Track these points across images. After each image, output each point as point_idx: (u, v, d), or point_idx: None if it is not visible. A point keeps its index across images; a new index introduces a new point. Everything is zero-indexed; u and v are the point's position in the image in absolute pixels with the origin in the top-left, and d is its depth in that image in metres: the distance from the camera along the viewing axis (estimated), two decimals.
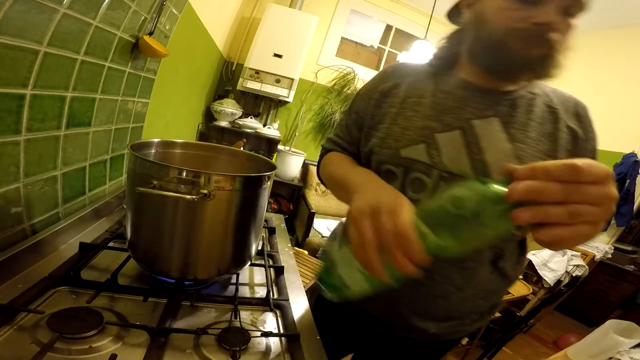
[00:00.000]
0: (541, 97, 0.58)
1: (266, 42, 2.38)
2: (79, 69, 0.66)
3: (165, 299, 0.59)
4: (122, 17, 0.75)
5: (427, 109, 0.59)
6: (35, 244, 0.61)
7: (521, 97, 0.57)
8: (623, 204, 2.20)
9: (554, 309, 2.53)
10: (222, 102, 2.41)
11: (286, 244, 0.99)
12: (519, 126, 0.55)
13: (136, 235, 0.60)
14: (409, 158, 0.58)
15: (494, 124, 0.55)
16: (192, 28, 1.42)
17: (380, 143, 0.62)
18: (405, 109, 0.61)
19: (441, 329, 0.64)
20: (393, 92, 0.64)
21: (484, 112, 0.56)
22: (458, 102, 0.58)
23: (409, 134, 0.59)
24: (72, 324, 0.47)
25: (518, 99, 0.57)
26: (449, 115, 0.57)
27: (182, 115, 1.78)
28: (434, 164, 0.56)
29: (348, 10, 2.88)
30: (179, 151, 0.78)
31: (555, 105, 0.58)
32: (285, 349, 0.55)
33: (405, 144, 0.58)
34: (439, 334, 0.64)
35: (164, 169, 0.53)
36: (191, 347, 0.51)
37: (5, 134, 0.52)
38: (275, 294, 0.71)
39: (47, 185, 0.66)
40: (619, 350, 0.97)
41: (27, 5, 0.48)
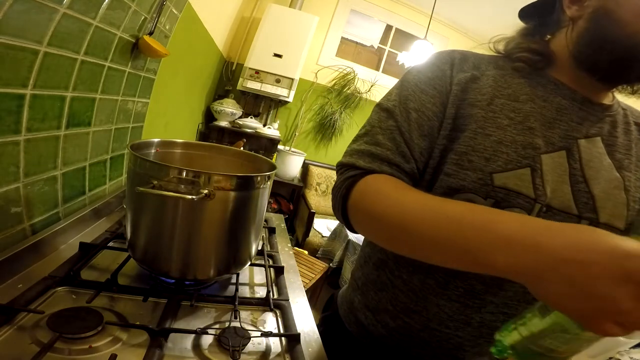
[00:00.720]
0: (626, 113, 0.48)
1: (266, 42, 2.38)
2: (79, 69, 0.66)
3: (165, 299, 0.59)
4: (122, 17, 0.75)
5: (529, 118, 0.44)
6: (35, 244, 0.61)
7: (619, 113, 0.47)
8: None
9: None
10: (222, 102, 2.41)
11: (286, 244, 0.99)
12: (622, 149, 0.45)
13: (136, 235, 0.60)
14: (505, 188, 0.42)
15: (598, 145, 0.44)
16: (192, 28, 1.42)
17: (458, 160, 0.44)
18: (495, 112, 0.45)
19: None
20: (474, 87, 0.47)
21: (590, 129, 0.44)
22: (560, 114, 0.45)
23: (506, 152, 0.43)
24: (72, 324, 0.47)
25: (618, 115, 0.46)
26: (555, 130, 0.44)
27: (182, 115, 1.78)
28: (537, 197, 0.42)
29: (348, 10, 2.88)
30: (179, 151, 0.78)
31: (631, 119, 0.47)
32: (285, 349, 0.55)
33: (501, 166, 0.42)
34: None
35: (164, 169, 0.53)
36: (191, 347, 0.51)
37: (5, 134, 0.52)
38: (275, 294, 0.71)
39: (47, 185, 0.66)
40: (619, 350, 0.97)
41: (27, 5, 0.48)
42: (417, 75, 0.50)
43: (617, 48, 0.40)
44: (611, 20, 0.40)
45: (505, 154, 0.43)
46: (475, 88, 0.47)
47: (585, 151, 0.44)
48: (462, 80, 0.47)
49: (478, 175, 0.43)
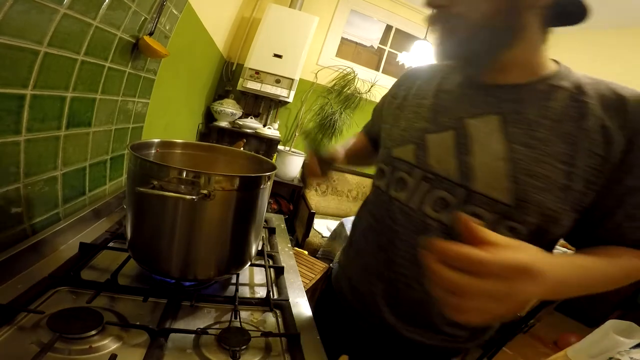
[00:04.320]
0: (568, 89, 0.48)
1: (266, 42, 2.38)
2: (79, 69, 0.66)
3: (165, 299, 0.59)
4: (122, 17, 0.75)
5: (427, 110, 0.58)
6: (35, 244, 0.61)
7: (535, 90, 0.49)
8: None
9: (554, 309, 2.52)
10: (222, 102, 2.41)
11: (286, 244, 0.99)
12: (524, 125, 0.48)
13: (136, 235, 0.60)
14: (397, 158, 0.59)
15: (491, 123, 0.50)
16: (192, 28, 1.42)
17: (382, 143, 0.66)
18: (408, 111, 0.62)
19: (426, 340, 0.60)
20: (402, 95, 0.66)
21: (483, 109, 0.51)
22: (456, 101, 0.55)
23: (404, 135, 0.59)
24: (72, 324, 0.47)
25: (530, 93, 0.49)
26: (445, 115, 0.55)
27: (182, 115, 1.78)
28: (417, 164, 0.56)
29: (348, 11, 2.88)
30: (179, 151, 0.79)
31: (586, 99, 0.46)
32: (285, 349, 0.55)
33: (397, 144, 0.60)
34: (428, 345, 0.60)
35: (164, 169, 0.53)
36: (191, 347, 0.51)
37: (5, 134, 0.52)
38: (275, 294, 0.71)
39: (47, 185, 0.66)
40: (619, 350, 0.97)
41: (27, 6, 0.48)
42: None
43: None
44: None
45: (402, 136, 0.60)
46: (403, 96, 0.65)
47: (474, 129, 0.51)
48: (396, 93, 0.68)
49: (386, 151, 0.63)
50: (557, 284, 0.34)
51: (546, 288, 0.31)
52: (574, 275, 0.39)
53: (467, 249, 0.29)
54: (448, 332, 0.59)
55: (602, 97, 0.46)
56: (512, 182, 0.47)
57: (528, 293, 0.30)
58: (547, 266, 0.31)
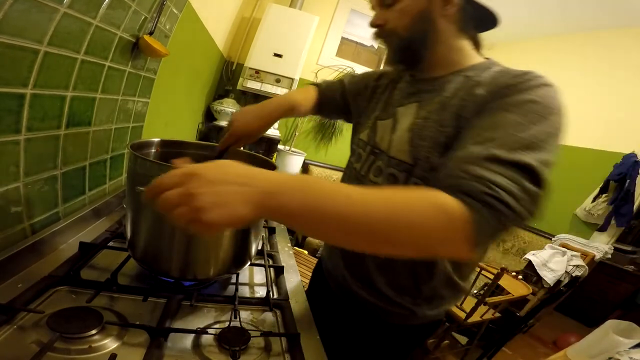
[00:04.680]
0: (468, 76, 0.59)
1: (266, 42, 2.38)
2: (79, 69, 0.66)
3: (165, 299, 0.59)
4: (123, 16, 0.75)
5: (383, 103, 0.73)
6: (35, 244, 0.61)
7: (447, 80, 0.61)
8: (623, 204, 2.20)
9: (554, 309, 2.53)
10: (222, 102, 2.40)
11: (286, 244, 0.99)
12: (431, 106, 0.60)
13: (136, 235, 0.60)
14: (360, 139, 0.74)
15: (411, 108, 0.64)
16: (193, 28, 1.42)
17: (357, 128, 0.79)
18: (376, 103, 0.75)
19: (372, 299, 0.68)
20: (377, 91, 0.78)
21: (408, 99, 0.66)
22: (399, 94, 0.70)
23: (367, 122, 0.74)
24: (72, 323, 0.47)
25: (442, 82, 0.62)
26: (392, 105, 0.70)
27: (182, 115, 1.78)
28: (368, 142, 0.71)
29: (348, 10, 2.87)
30: (179, 151, 0.78)
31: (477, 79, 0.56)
32: (285, 349, 0.55)
33: (363, 129, 0.75)
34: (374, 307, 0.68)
35: (164, 168, 0.53)
36: (191, 347, 0.51)
37: (5, 134, 0.52)
38: (275, 294, 0.71)
39: (47, 184, 0.66)
40: (618, 350, 0.97)
41: (27, 5, 0.48)
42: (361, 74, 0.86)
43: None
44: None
45: (367, 123, 0.74)
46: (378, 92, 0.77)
47: (400, 114, 0.66)
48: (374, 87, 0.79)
49: (357, 135, 0.77)
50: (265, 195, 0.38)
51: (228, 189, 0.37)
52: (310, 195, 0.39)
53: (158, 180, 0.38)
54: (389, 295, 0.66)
55: (485, 76, 0.56)
56: (411, 145, 0.60)
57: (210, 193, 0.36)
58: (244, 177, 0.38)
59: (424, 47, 0.62)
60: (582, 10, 2.39)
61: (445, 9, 0.59)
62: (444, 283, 0.65)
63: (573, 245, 2.28)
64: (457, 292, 0.69)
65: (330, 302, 0.77)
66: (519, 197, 0.40)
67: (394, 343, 0.73)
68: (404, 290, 0.65)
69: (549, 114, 0.46)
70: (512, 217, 0.40)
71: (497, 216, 0.39)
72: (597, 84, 2.54)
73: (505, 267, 1.57)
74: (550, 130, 0.46)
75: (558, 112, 0.48)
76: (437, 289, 0.65)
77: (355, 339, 0.73)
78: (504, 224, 0.40)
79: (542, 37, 2.96)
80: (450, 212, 0.39)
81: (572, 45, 2.75)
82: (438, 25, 0.60)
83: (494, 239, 0.42)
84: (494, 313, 1.77)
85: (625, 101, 2.37)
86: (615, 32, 2.49)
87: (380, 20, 0.63)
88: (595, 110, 2.52)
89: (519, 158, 0.42)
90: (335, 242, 0.58)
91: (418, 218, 0.39)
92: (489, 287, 1.61)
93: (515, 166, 0.42)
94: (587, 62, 2.63)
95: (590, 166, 2.45)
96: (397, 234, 0.39)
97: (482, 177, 0.41)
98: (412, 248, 0.41)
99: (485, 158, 0.43)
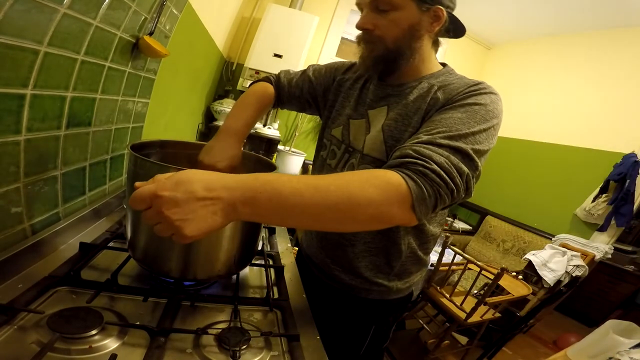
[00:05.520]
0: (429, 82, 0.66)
1: (266, 42, 2.38)
2: (79, 69, 0.66)
3: (165, 299, 0.59)
4: (123, 17, 0.75)
5: (354, 101, 0.76)
6: (35, 244, 0.61)
7: (413, 87, 0.68)
8: (623, 204, 2.20)
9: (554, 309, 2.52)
10: (222, 102, 2.40)
11: (286, 244, 0.99)
12: (398, 108, 0.67)
13: (136, 235, 0.60)
14: (333, 135, 0.79)
15: (382, 111, 0.70)
16: (192, 28, 1.42)
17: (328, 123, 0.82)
18: (345, 99, 0.79)
19: (353, 282, 0.76)
20: (344, 84, 0.81)
21: (379, 102, 0.72)
22: (370, 95, 0.74)
23: (339, 119, 0.78)
24: (72, 324, 0.47)
25: (408, 88, 0.68)
26: (362, 106, 0.74)
27: (182, 115, 1.78)
28: (343, 140, 0.76)
29: (348, 10, 2.87)
30: (179, 151, 0.78)
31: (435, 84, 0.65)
32: (285, 349, 0.55)
33: (335, 125, 0.79)
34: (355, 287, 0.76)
35: (164, 169, 0.53)
36: (191, 347, 0.51)
37: (5, 134, 0.52)
38: (275, 294, 0.71)
39: (47, 185, 0.66)
40: (618, 350, 0.97)
41: (28, 5, 0.48)
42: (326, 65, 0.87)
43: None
44: None
45: (339, 120, 0.78)
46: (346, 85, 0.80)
47: (372, 116, 0.72)
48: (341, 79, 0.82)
49: (328, 130, 0.81)
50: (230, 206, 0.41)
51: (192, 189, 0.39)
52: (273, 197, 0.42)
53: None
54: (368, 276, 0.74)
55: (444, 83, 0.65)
56: (384, 144, 0.67)
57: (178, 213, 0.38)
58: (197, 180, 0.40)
59: (404, 59, 0.66)
60: (582, 10, 2.39)
61: (432, 26, 0.64)
62: (411, 259, 0.76)
63: (573, 245, 2.28)
64: (421, 266, 0.81)
65: (313, 284, 0.81)
66: (449, 170, 0.49)
67: (374, 316, 0.81)
68: (379, 269, 0.75)
69: (491, 118, 0.57)
70: (444, 186, 0.49)
71: (431, 184, 0.48)
72: (597, 83, 2.54)
73: (505, 267, 1.57)
74: (489, 130, 0.56)
75: (497, 117, 0.58)
76: (405, 265, 0.76)
77: (338, 315, 0.79)
78: (437, 191, 0.49)
79: (542, 37, 2.96)
80: (396, 184, 0.47)
81: (572, 45, 2.75)
82: (422, 40, 0.65)
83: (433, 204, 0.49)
84: (494, 313, 1.77)
85: (626, 101, 2.37)
86: (614, 31, 2.50)
87: (370, 25, 0.64)
88: (596, 110, 2.52)
89: (456, 144, 0.52)
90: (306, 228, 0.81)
91: (372, 194, 0.45)
92: (489, 287, 1.61)
93: (452, 149, 0.51)
94: (587, 62, 2.63)
95: (590, 166, 2.45)
96: (359, 210, 0.45)
97: (422, 154, 0.50)
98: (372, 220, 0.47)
99: (429, 142, 0.52)
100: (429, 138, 0.53)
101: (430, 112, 0.62)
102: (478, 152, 0.53)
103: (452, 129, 0.54)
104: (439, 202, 0.50)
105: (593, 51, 2.61)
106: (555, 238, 2.43)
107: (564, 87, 2.72)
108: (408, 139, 0.58)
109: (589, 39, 2.64)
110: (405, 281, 0.78)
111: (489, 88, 0.61)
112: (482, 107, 0.57)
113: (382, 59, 0.66)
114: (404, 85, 0.69)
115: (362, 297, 0.77)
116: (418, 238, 0.74)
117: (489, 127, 0.56)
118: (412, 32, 0.63)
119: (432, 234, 0.75)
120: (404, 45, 0.64)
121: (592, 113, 2.53)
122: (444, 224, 0.88)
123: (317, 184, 0.44)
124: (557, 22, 2.68)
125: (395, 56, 0.66)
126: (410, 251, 0.74)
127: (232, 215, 0.42)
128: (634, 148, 2.26)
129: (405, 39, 0.64)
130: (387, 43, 0.64)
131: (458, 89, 0.61)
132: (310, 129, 2.99)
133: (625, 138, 2.32)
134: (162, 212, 0.38)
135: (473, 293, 1.73)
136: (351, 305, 0.79)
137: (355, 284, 0.76)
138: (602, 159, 2.39)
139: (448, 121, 0.55)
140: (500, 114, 0.59)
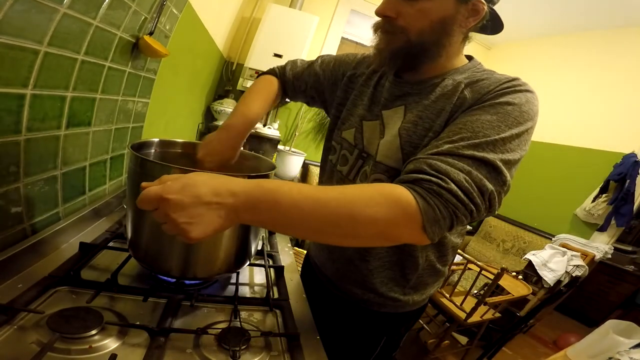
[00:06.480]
0: (453, 78, 0.58)
1: (266, 42, 2.38)
2: (79, 69, 0.66)
3: (165, 299, 0.59)
4: (123, 17, 0.75)
5: (367, 100, 0.68)
6: (35, 244, 0.61)
7: (435, 84, 0.59)
8: (623, 204, 2.20)
9: (554, 309, 2.53)
10: (222, 102, 2.40)
11: (286, 244, 0.99)
12: (418, 109, 0.59)
13: (137, 234, 0.60)
14: (344, 138, 0.71)
15: (398, 112, 0.62)
16: (192, 28, 1.42)
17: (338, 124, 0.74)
18: (357, 97, 0.71)
19: (366, 296, 0.70)
20: (356, 80, 0.73)
21: (395, 102, 0.64)
22: (385, 94, 0.66)
23: (350, 120, 0.70)
24: (72, 324, 0.47)
25: (429, 85, 0.60)
26: (377, 106, 0.66)
27: (182, 115, 1.78)
28: (356, 145, 0.68)
29: (348, 10, 2.87)
30: (179, 151, 0.78)
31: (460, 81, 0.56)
32: (285, 349, 0.55)
33: (346, 127, 0.71)
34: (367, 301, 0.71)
35: (164, 168, 0.53)
36: (191, 347, 0.51)
37: (5, 134, 0.52)
38: (275, 293, 0.71)
39: (47, 185, 0.66)
40: (618, 350, 0.97)
41: (28, 5, 0.48)
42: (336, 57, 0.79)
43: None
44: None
45: (351, 121, 0.70)
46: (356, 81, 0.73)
47: (387, 118, 0.63)
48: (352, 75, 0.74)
49: (337, 132, 0.73)
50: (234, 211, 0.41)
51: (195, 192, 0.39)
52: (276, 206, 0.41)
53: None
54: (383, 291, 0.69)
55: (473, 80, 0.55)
56: (401, 151, 0.58)
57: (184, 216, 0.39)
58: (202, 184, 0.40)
59: (428, 57, 0.57)
60: (582, 10, 2.39)
61: (467, 21, 0.55)
62: (429, 271, 0.70)
63: (573, 245, 2.28)
64: (438, 277, 0.74)
65: (321, 293, 0.78)
66: (468, 190, 0.43)
67: (386, 328, 0.75)
68: (395, 282, 0.69)
69: (525, 120, 0.49)
70: (462, 208, 0.43)
71: (446, 205, 0.43)
72: (597, 83, 2.54)
73: (505, 267, 1.57)
74: (523, 135, 0.49)
75: (533, 119, 0.50)
76: (422, 277, 0.70)
77: (348, 326, 0.75)
78: (453, 212, 0.43)
79: (542, 37, 2.96)
80: (404, 203, 0.42)
81: (572, 46, 2.75)
82: (453, 36, 0.56)
83: (448, 226, 0.44)
84: (494, 313, 1.77)
85: (626, 101, 2.37)
86: (614, 32, 2.49)
87: (393, 12, 0.55)
88: (596, 110, 2.52)
89: (482, 155, 0.45)
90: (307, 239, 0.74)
91: (377, 213, 0.42)
92: (489, 287, 1.61)
93: (477, 161, 0.45)
94: (587, 61, 2.63)
95: (590, 166, 2.45)
96: (360, 228, 0.42)
97: (438, 170, 0.44)
98: (376, 238, 0.45)
99: (449, 152, 0.46)
100: (449, 147, 0.46)
101: (455, 115, 0.54)
102: (508, 163, 0.46)
103: (479, 134, 0.47)
104: (456, 222, 0.44)
105: (593, 51, 2.61)
106: (555, 238, 2.43)
107: (563, 87, 2.72)
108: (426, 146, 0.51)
109: (589, 39, 2.64)
110: (421, 293, 0.73)
111: (525, 85, 0.52)
112: (515, 108, 0.49)
113: (402, 54, 0.57)
114: (424, 82, 0.60)
115: (375, 310, 0.71)
116: (438, 250, 0.68)
117: (523, 131, 0.48)
118: (443, 26, 0.54)
119: (452, 245, 0.69)
120: (430, 40, 0.55)
121: (592, 113, 2.53)
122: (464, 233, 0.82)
123: (319, 197, 0.42)
124: (557, 22, 2.68)
125: (417, 52, 0.56)
126: (428, 264, 0.68)
127: (234, 220, 0.42)
128: (634, 148, 2.26)
129: (434, 34, 0.55)
130: (410, 35, 0.55)
131: (489, 86, 0.52)
132: (310, 129, 2.99)
133: (625, 138, 2.32)
134: (168, 214, 0.39)
135: (473, 293, 1.73)
136: (362, 318, 0.73)
137: (368, 298, 0.70)
138: (602, 159, 2.39)
139: (475, 124, 0.48)
140: (535, 115, 0.51)
